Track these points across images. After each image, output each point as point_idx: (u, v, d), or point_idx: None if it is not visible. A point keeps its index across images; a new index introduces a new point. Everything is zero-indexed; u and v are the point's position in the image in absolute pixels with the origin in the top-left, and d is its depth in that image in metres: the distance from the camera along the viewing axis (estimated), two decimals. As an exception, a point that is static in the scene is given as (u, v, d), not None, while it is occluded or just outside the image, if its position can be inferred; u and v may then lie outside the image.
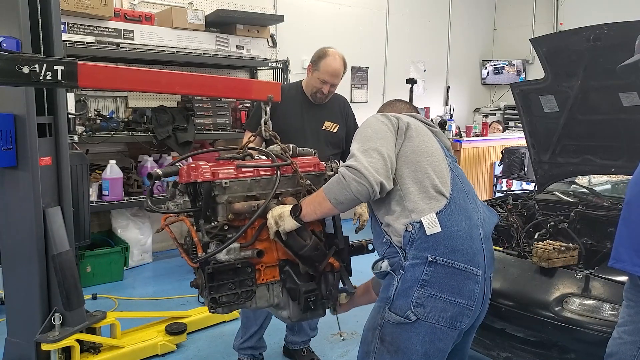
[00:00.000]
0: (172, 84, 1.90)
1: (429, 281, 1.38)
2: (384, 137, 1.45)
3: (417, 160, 1.46)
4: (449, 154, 1.59)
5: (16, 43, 2.14)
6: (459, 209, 1.44)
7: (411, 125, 1.52)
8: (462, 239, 1.41)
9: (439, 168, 1.47)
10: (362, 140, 1.45)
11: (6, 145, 2.23)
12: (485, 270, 1.46)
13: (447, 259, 1.38)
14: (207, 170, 1.42)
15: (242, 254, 1.44)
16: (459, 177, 1.51)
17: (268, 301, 1.56)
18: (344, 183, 1.36)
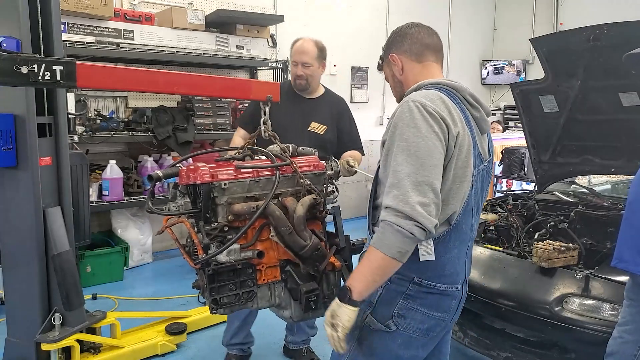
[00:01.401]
0: (172, 84, 1.90)
1: (412, 296, 1.38)
2: (437, 163, 1.27)
3: (449, 188, 1.32)
4: (481, 160, 1.42)
5: (16, 43, 2.14)
6: (457, 235, 1.39)
7: (459, 138, 1.31)
8: (451, 264, 1.40)
9: (460, 194, 1.34)
10: (412, 161, 1.25)
11: (6, 145, 2.23)
12: (465, 277, 1.48)
13: (432, 283, 1.38)
14: (206, 171, 1.42)
15: (242, 255, 1.43)
16: (475, 192, 1.40)
17: (269, 301, 1.56)
18: (405, 232, 1.22)
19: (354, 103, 6.22)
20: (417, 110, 1.29)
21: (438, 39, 1.52)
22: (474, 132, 1.39)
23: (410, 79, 1.49)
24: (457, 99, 1.38)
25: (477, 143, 1.40)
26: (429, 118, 1.28)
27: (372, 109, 6.47)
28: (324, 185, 1.58)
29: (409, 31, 1.50)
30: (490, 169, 1.50)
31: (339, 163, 1.75)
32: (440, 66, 1.52)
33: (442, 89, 1.38)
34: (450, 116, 1.31)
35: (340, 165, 1.88)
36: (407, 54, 1.49)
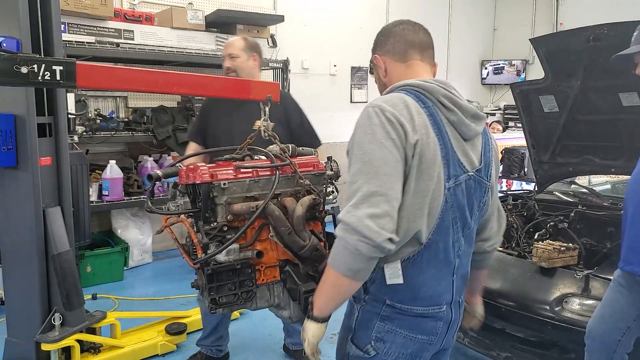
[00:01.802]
0: (171, 84, 1.89)
1: (388, 317, 1.27)
2: (393, 172, 1.16)
3: (409, 202, 1.19)
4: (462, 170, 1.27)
5: (16, 43, 2.14)
6: (432, 254, 1.25)
7: (418, 147, 1.18)
8: (426, 287, 1.26)
9: (424, 210, 1.21)
10: (365, 170, 1.16)
11: (6, 145, 2.23)
12: (453, 297, 1.33)
13: (406, 305, 1.26)
14: (206, 171, 1.42)
15: (241, 255, 1.43)
16: (453, 207, 1.26)
17: (268, 301, 1.56)
18: (351, 248, 1.13)
19: (353, 103, 6.22)
20: (375, 116, 1.19)
21: (425, 35, 1.38)
22: (446, 139, 1.23)
23: (393, 80, 1.35)
24: (428, 102, 1.24)
25: (452, 150, 1.24)
26: (386, 124, 1.17)
27: (372, 109, 6.46)
28: (323, 185, 1.58)
29: (392, 29, 1.38)
30: (483, 178, 1.33)
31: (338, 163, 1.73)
32: (428, 64, 1.37)
33: (411, 92, 1.25)
34: (410, 122, 1.19)
35: None
36: (390, 54, 1.37)
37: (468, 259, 1.38)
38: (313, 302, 1.27)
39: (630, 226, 1.80)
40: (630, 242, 1.80)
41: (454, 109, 1.26)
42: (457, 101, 1.27)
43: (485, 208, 1.38)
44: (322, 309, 1.25)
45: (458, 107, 1.27)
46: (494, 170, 1.39)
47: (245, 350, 2.95)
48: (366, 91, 6.36)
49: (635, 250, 1.77)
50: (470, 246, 1.38)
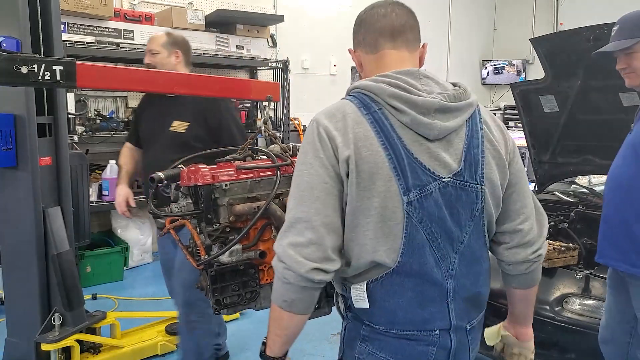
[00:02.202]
0: (171, 84, 1.90)
1: (369, 337, 1.15)
2: (321, 195, 1.05)
3: (353, 224, 1.07)
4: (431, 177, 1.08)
5: (16, 43, 2.14)
6: (406, 276, 1.09)
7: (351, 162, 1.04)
8: (404, 311, 1.10)
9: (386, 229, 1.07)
10: (294, 193, 1.09)
11: (6, 145, 2.23)
12: (453, 324, 1.14)
13: (384, 328, 1.13)
14: (207, 173, 1.42)
15: (245, 255, 1.44)
16: (421, 224, 1.07)
17: (272, 301, 1.56)
18: (281, 277, 1.06)
19: (353, 103, 6.22)
20: (310, 132, 1.10)
21: (399, 17, 1.17)
22: (398, 146, 1.06)
23: (367, 75, 1.20)
24: (374, 107, 1.08)
25: (411, 158, 1.06)
26: (316, 141, 1.07)
27: (372, 108, 6.47)
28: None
29: (362, 17, 1.22)
30: (468, 182, 1.11)
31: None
32: (405, 51, 1.17)
33: (356, 96, 1.11)
34: (343, 135, 1.05)
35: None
36: (362, 47, 1.23)
37: (477, 279, 1.18)
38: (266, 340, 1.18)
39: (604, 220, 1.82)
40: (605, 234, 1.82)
41: (403, 108, 1.07)
42: (409, 99, 1.07)
43: (488, 216, 1.16)
44: (272, 347, 1.17)
45: (411, 106, 1.07)
46: (492, 168, 1.14)
47: (245, 350, 2.95)
48: (366, 91, 6.36)
49: (610, 242, 1.79)
50: (477, 264, 1.17)
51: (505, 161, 1.17)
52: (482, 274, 1.20)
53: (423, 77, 1.13)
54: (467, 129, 1.13)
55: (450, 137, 1.11)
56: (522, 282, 1.30)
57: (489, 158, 1.14)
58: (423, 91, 1.10)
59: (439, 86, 1.14)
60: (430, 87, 1.12)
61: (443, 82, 1.16)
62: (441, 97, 1.10)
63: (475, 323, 1.21)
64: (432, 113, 1.08)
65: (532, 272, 1.27)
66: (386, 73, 1.12)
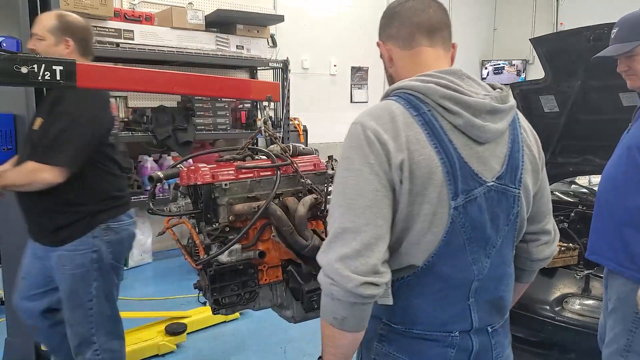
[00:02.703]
0: (171, 84, 1.90)
1: (386, 337, 1.11)
2: (371, 204, 0.98)
3: (402, 228, 1.03)
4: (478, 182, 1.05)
5: (16, 43, 2.14)
6: (432, 279, 1.06)
7: (404, 167, 0.99)
8: (426, 312, 1.08)
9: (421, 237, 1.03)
10: (339, 201, 1.01)
11: (6, 145, 2.23)
12: (474, 325, 1.11)
13: (404, 327, 1.09)
14: (207, 172, 1.42)
15: (244, 255, 1.44)
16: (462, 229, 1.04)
17: (271, 301, 1.56)
18: (328, 294, 1.00)
19: (353, 103, 6.22)
20: (355, 136, 1.02)
21: (436, 13, 1.13)
22: (450, 150, 1.02)
23: (400, 72, 1.16)
24: (423, 108, 1.03)
25: (462, 162, 1.03)
26: (365, 146, 1.00)
27: (372, 109, 6.47)
28: (324, 184, 1.58)
29: (396, 9, 1.17)
30: (508, 186, 1.09)
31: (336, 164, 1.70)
32: (441, 49, 1.14)
33: (403, 97, 1.05)
34: (395, 139, 1.00)
35: None
36: (394, 40, 1.16)
37: (500, 282, 1.16)
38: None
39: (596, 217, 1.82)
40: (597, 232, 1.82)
41: (458, 110, 1.03)
42: (462, 100, 1.03)
43: (520, 220, 1.14)
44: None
45: (464, 107, 1.03)
46: (528, 172, 1.13)
47: (245, 350, 2.95)
48: (366, 91, 6.36)
49: (601, 240, 1.79)
50: (503, 267, 1.15)
51: (538, 166, 1.17)
52: (507, 278, 1.18)
53: (465, 77, 1.10)
54: (509, 133, 1.11)
55: (497, 140, 1.08)
56: (529, 277, 1.35)
57: (527, 163, 1.13)
58: (470, 92, 1.06)
59: (481, 87, 1.11)
60: (474, 88, 1.09)
61: (484, 84, 1.12)
62: (489, 98, 1.07)
63: (497, 327, 1.17)
64: (483, 115, 1.05)
65: (533, 272, 1.33)
66: (429, 72, 1.07)
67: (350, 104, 6.20)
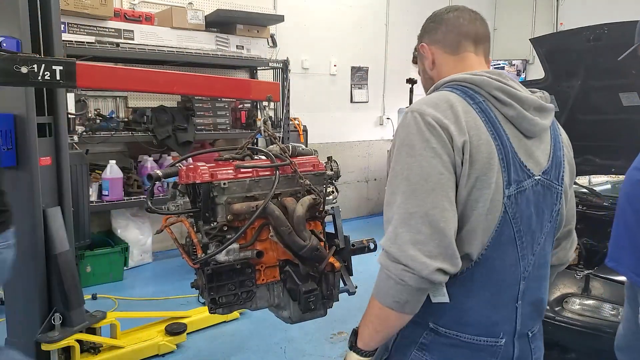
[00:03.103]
0: (171, 84, 1.90)
1: (428, 346, 1.10)
2: (436, 187, 0.99)
3: (464, 214, 1.03)
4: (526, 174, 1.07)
5: (16, 43, 2.14)
6: (486, 274, 1.07)
7: (466, 150, 1.01)
8: (478, 312, 1.07)
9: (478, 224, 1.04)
10: (403, 188, 1.01)
11: (6, 145, 2.23)
12: (517, 329, 1.11)
13: (453, 331, 1.08)
14: (206, 171, 1.42)
15: (241, 255, 1.43)
16: (515, 219, 1.06)
17: (268, 301, 1.56)
18: (395, 278, 0.99)
19: (353, 103, 6.22)
20: (413, 123, 1.03)
21: (482, 27, 1.20)
22: (504, 138, 1.05)
23: (442, 75, 1.18)
24: (478, 98, 1.07)
25: (513, 151, 1.06)
26: (425, 131, 1.01)
27: (372, 109, 6.47)
28: (323, 185, 1.58)
29: (445, 17, 1.21)
30: (552, 182, 1.12)
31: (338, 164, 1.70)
32: (483, 58, 1.21)
33: (457, 87, 1.09)
34: (456, 123, 1.02)
35: None
36: (440, 45, 1.21)
37: (541, 283, 1.16)
38: (358, 333, 1.13)
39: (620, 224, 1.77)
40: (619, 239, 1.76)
41: (510, 102, 1.07)
42: (514, 93, 1.08)
43: (560, 219, 1.17)
44: (368, 341, 1.12)
45: (516, 100, 1.08)
46: (567, 172, 1.17)
47: (245, 350, 2.95)
48: (366, 91, 6.36)
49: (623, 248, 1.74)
50: (544, 267, 1.16)
51: (574, 169, 1.23)
52: (546, 279, 1.19)
53: (510, 79, 1.13)
54: (551, 132, 1.17)
55: (542, 136, 1.14)
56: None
57: (566, 163, 1.19)
58: (519, 89, 1.11)
59: (525, 90, 1.15)
60: (519, 87, 1.14)
61: (525, 88, 1.16)
62: (536, 96, 1.13)
63: (536, 331, 1.18)
64: (531, 110, 1.10)
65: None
66: (475, 71, 1.12)
67: (350, 104, 6.20)
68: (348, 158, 6.15)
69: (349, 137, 6.19)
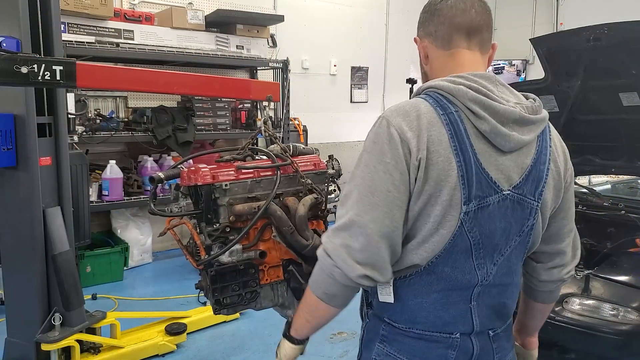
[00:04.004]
0: (171, 84, 1.90)
1: (388, 338, 1.13)
2: (380, 202, 1.00)
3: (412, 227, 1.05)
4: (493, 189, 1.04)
5: (16, 43, 2.14)
6: (434, 279, 1.07)
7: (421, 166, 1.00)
8: (426, 312, 1.09)
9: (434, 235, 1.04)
10: (353, 195, 1.03)
11: (6, 145, 2.23)
12: (475, 328, 1.11)
13: (405, 326, 1.11)
14: (207, 173, 1.42)
15: (245, 256, 1.44)
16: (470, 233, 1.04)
17: (272, 301, 1.56)
18: (327, 271, 1.03)
19: (353, 103, 6.22)
20: (378, 131, 1.03)
21: (478, 15, 1.11)
22: (469, 154, 1.01)
23: (435, 71, 1.15)
24: (451, 108, 1.03)
25: (479, 167, 1.02)
26: (385, 142, 1.00)
27: (372, 109, 6.47)
28: (325, 184, 1.58)
29: (438, 6, 1.12)
30: (525, 197, 1.08)
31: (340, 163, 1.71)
32: (478, 52, 1.13)
33: (431, 95, 1.06)
34: (417, 138, 0.99)
35: None
36: (432, 38, 1.14)
37: (504, 290, 1.15)
38: (292, 321, 1.19)
39: None
40: None
41: (484, 115, 1.02)
42: (490, 105, 1.02)
43: (535, 234, 1.13)
44: (299, 330, 1.18)
45: (492, 113, 1.02)
46: (549, 188, 1.11)
47: (245, 350, 2.95)
48: (366, 91, 6.36)
49: None
50: (509, 276, 1.14)
51: (562, 185, 1.15)
52: (512, 287, 1.17)
53: (499, 84, 1.09)
54: (537, 145, 1.10)
55: (520, 151, 1.07)
56: (547, 297, 1.33)
57: (550, 179, 1.11)
58: (500, 99, 1.05)
59: (513, 96, 1.10)
60: (506, 95, 1.08)
61: (517, 93, 1.11)
62: (520, 107, 1.06)
63: (499, 331, 1.17)
64: (510, 124, 1.04)
65: (558, 289, 1.31)
66: (462, 74, 1.06)
67: (350, 104, 6.21)
68: (348, 158, 6.11)
69: (349, 137, 6.19)
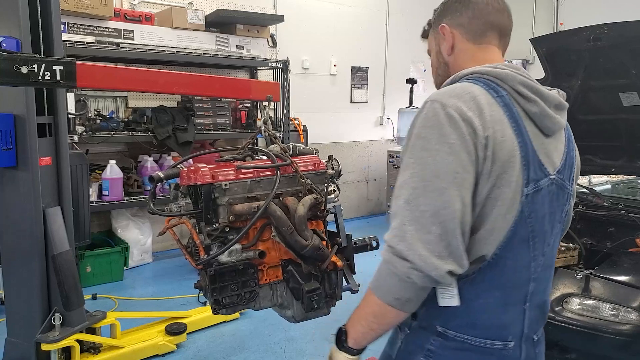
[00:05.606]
0: (171, 84, 1.90)
1: (434, 352, 1.05)
2: (447, 185, 0.93)
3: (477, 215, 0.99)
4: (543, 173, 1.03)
5: (16, 43, 2.14)
6: (497, 274, 1.02)
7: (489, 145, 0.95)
8: (488, 313, 1.03)
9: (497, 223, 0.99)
10: (414, 183, 0.95)
11: (6, 145, 2.23)
12: (524, 332, 1.07)
13: (462, 334, 1.04)
14: (207, 172, 1.42)
15: (244, 255, 1.43)
16: (531, 218, 1.02)
17: (271, 301, 1.56)
18: (401, 275, 0.95)
19: (353, 103, 6.22)
20: (432, 114, 0.96)
21: (509, 19, 1.12)
22: (525, 135, 0.99)
23: (460, 63, 1.12)
24: (502, 92, 1.01)
25: (533, 149, 1.00)
26: (444, 124, 0.94)
27: (372, 109, 6.47)
28: (324, 184, 1.58)
29: (473, 0, 1.10)
30: (565, 182, 1.08)
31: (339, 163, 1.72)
32: (501, 53, 1.14)
33: (479, 80, 1.02)
34: (479, 116, 0.95)
35: None
36: (463, 30, 1.11)
37: (546, 285, 1.12)
38: (347, 330, 1.09)
39: None
40: None
41: (535, 98, 1.02)
42: (538, 89, 1.03)
43: (567, 220, 1.14)
44: (359, 340, 1.07)
45: (540, 96, 1.03)
46: (576, 174, 1.15)
47: (245, 350, 2.95)
48: (366, 91, 6.36)
49: None
50: (550, 269, 1.12)
51: (579, 171, 1.18)
52: (551, 281, 1.15)
53: (528, 74, 1.10)
54: (566, 131, 1.13)
55: (559, 135, 1.09)
56: None
57: (576, 165, 1.15)
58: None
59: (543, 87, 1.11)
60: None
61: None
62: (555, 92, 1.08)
63: (540, 335, 1.14)
64: (552, 107, 1.06)
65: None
66: (499, 64, 1.05)
67: (350, 104, 6.21)
68: (348, 158, 6.15)
69: (348, 137, 6.19)
